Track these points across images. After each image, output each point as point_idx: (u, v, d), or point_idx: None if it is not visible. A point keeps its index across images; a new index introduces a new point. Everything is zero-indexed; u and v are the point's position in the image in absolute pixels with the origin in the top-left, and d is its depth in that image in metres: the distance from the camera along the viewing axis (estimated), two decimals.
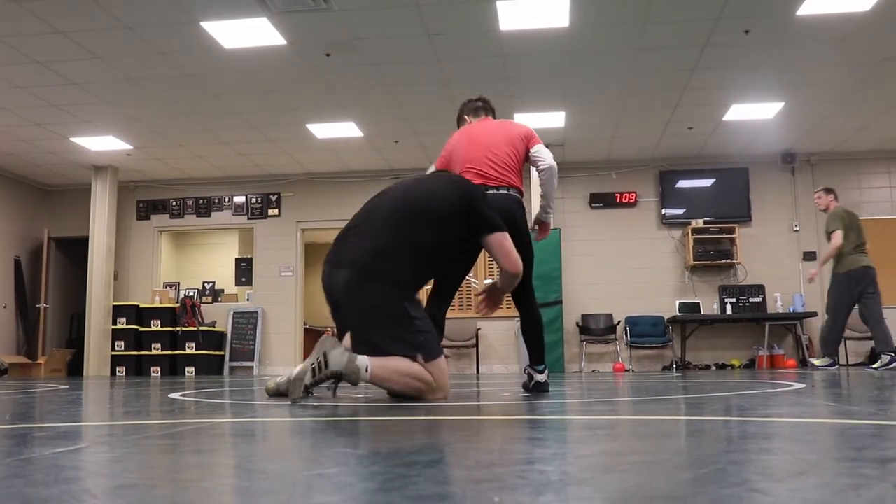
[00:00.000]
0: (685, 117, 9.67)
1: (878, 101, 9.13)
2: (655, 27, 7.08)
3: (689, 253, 11.05)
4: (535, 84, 8.47)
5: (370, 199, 3.48)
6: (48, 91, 8.45)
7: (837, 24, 7.00)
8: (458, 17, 6.83)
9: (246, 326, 11.98)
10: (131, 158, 11.22)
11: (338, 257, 3.28)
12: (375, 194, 3.51)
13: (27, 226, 12.39)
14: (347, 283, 3.18)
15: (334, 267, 3.26)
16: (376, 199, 3.45)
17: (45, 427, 2.11)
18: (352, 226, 3.37)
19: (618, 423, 2.08)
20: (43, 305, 12.18)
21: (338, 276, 3.23)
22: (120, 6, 6.54)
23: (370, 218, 3.33)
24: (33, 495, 0.99)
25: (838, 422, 2.02)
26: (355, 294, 3.16)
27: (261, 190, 12.28)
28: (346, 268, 3.20)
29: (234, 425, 2.13)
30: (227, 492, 1.07)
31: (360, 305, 3.17)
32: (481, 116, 4.18)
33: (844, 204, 11.14)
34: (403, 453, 1.41)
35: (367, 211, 3.39)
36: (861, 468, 1.16)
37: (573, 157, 11.33)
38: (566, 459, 1.30)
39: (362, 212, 3.41)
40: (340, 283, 3.21)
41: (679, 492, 0.98)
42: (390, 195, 3.40)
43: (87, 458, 1.44)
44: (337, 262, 3.27)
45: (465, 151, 3.89)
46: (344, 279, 3.20)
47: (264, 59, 7.67)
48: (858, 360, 10.89)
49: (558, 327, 10.54)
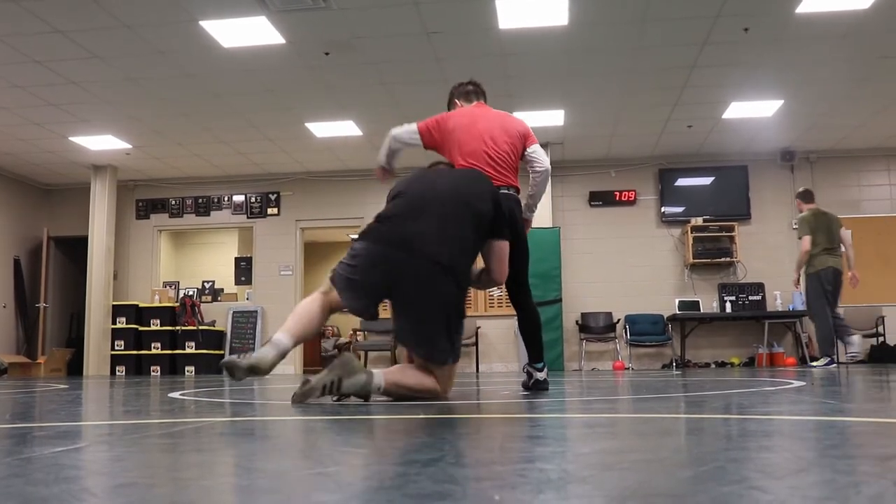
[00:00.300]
0: (684, 115, 9.67)
1: (877, 99, 9.13)
2: (655, 25, 7.07)
3: (689, 251, 11.05)
4: (534, 82, 8.47)
5: (416, 179, 3.36)
6: (47, 90, 8.44)
7: (837, 21, 7.00)
8: (457, 16, 6.82)
9: (245, 325, 11.98)
10: (130, 158, 11.21)
11: (404, 242, 3.08)
12: (417, 175, 3.40)
13: (26, 225, 12.38)
14: (423, 275, 3.04)
15: (401, 250, 3.06)
16: (426, 183, 3.31)
17: (45, 426, 2.11)
18: (412, 208, 3.19)
19: (617, 422, 2.08)
20: (42, 305, 12.18)
21: (410, 265, 3.05)
22: (119, 5, 6.53)
23: (431, 207, 3.17)
24: (33, 494, 0.99)
25: (838, 419, 2.02)
26: (428, 288, 3.05)
27: (260, 189, 12.28)
28: (424, 259, 3.04)
29: (233, 424, 2.13)
30: (227, 490, 1.07)
31: (430, 301, 3.06)
32: (474, 102, 4.03)
33: (843, 203, 11.21)
34: (403, 452, 1.41)
35: (422, 197, 3.22)
36: (860, 465, 1.16)
37: (572, 155, 11.33)
38: (566, 457, 1.30)
39: (417, 194, 3.25)
40: (411, 273, 3.04)
41: (679, 490, 0.99)
42: (442, 187, 3.27)
43: (87, 457, 1.44)
44: (406, 249, 3.06)
45: (464, 142, 3.73)
46: (418, 271, 3.04)
47: (263, 58, 7.67)
48: (858, 357, 10.89)
49: (558, 326, 10.54)
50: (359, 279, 3.11)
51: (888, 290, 10.99)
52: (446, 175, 3.42)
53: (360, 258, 3.13)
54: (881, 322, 10.56)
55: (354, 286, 3.12)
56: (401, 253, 3.07)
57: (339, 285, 3.14)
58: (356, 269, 3.12)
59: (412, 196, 3.26)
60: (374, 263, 3.10)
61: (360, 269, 3.12)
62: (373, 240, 3.15)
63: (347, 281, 3.13)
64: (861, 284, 10.94)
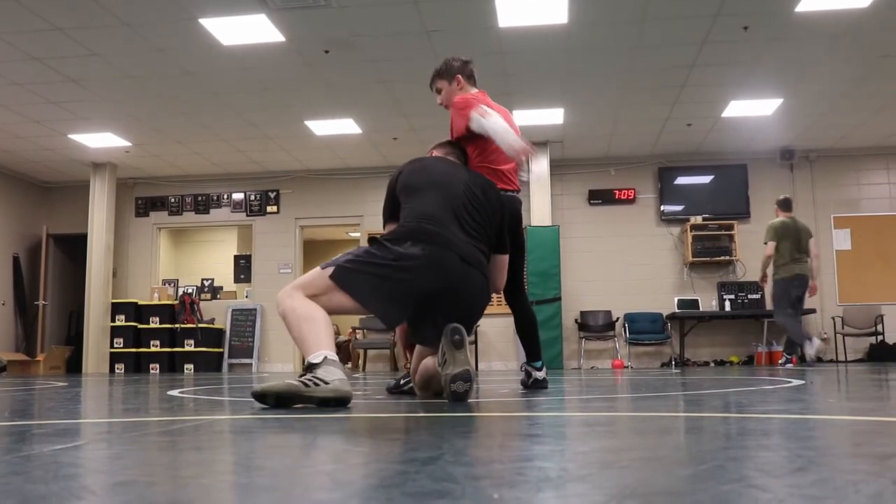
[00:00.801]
0: (684, 114, 9.67)
1: (876, 98, 9.13)
2: (654, 24, 7.07)
3: (688, 249, 11.05)
4: (533, 81, 8.46)
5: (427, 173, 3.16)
6: (47, 88, 8.44)
7: (836, 20, 7.00)
8: (457, 14, 6.82)
9: (245, 323, 11.98)
10: (130, 155, 11.21)
11: (461, 250, 2.92)
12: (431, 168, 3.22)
13: (26, 223, 12.38)
14: (481, 286, 3.01)
15: (465, 262, 2.92)
16: (441, 181, 3.11)
17: (45, 424, 2.11)
18: (449, 210, 3.01)
19: (617, 420, 2.08)
20: (42, 302, 12.18)
21: (474, 277, 2.96)
22: (119, 3, 6.53)
23: (462, 212, 3.04)
24: (32, 492, 0.99)
25: (837, 418, 2.02)
26: (482, 297, 3.06)
27: (259, 187, 12.27)
28: (477, 269, 2.98)
29: (233, 422, 2.13)
30: (227, 488, 1.07)
31: (481, 309, 3.10)
32: (476, 88, 3.85)
33: (843, 202, 11.22)
34: (402, 450, 1.41)
35: (446, 199, 3.04)
36: (859, 464, 1.16)
37: (572, 153, 11.33)
38: (565, 456, 1.30)
39: (440, 195, 3.05)
40: (477, 285, 2.98)
41: (678, 488, 0.99)
42: (462, 188, 3.10)
43: (87, 454, 1.44)
44: (466, 259, 2.93)
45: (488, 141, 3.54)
46: (479, 282, 2.99)
47: (263, 56, 7.66)
48: (857, 356, 10.91)
49: (557, 324, 10.54)
50: (430, 283, 2.84)
51: (887, 289, 11.00)
52: (462, 177, 3.21)
53: (406, 263, 2.80)
54: (880, 321, 10.57)
55: (390, 293, 2.79)
56: (455, 256, 2.89)
57: (367, 297, 2.79)
58: (397, 274, 2.79)
59: (443, 198, 3.04)
60: (440, 270, 2.84)
61: (435, 275, 2.84)
62: (439, 245, 2.87)
63: (380, 291, 2.79)
64: (860, 283, 11.02)
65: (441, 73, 3.80)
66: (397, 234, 2.90)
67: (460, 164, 3.40)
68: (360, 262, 2.80)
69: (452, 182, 3.14)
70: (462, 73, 3.78)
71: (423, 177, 3.16)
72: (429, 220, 2.94)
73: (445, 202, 3.03)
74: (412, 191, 3.11)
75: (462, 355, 2.76)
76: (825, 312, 11.04)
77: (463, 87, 3.76)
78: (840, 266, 11.16)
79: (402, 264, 2.78)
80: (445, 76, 3.78)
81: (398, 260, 2.79)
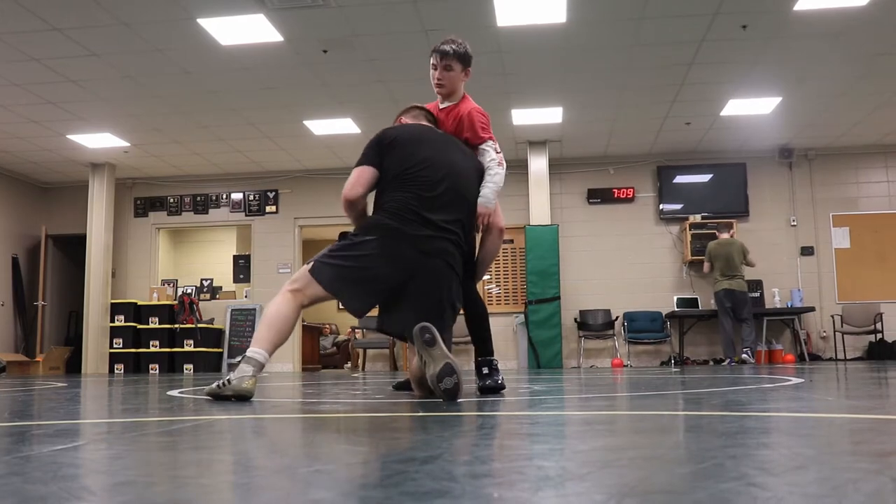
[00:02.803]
0: (682, 112, 9.67)
1: (875, 96, 9.13)
2: (652, 22, 7.07)
3: (687, 248, 11.06)
4: (532, 80, 8.46)
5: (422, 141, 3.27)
6: (45, 88, 8.43)
7: (834, 19, 7.00)
8: (455, 13, 6.82)
9: (244, 323, 11.97)
10: (129, 156, 11.20)
11: (418, 243, 3.08)
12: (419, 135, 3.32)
13: (24, 224, 12.37)
14: (442, 272, 3.16)
15: (422, 253, 3.11)
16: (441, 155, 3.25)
17: (44, 425, 2.11)
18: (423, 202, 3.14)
19: (616, 419, 2.08)
20: (41, 303, 12.17)
21: (433, 265, 3.10)
22: (117, 3, 6.52)
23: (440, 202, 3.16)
24: (32, 493, 0.99)
25: (836, 416, 2.02)
26: (445, 283, 3.17)
27: (258, 187, 12.27)
28: (438, 258, 3.12)
29: (232, 422, 2.13)
30: (226, 488, 1.07)
31: (449, 295, 3.19)
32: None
33: (841, 200, 11.24)
34: (401, 449, 1.41)
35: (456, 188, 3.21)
36: (859, 462, 1.16)
37: (571, 152, 11.33)
38: (564, 455, 1.30)
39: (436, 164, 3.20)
40: (437, 272, 3.11)
41: (677, 486, 0.99)
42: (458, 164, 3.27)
43: (86, 455, 1.44)
44: (424, 249, 3.10)
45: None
46: (440, 269, 3.13)
47: (261, 56, 7.66)
48: (857, 354, 10.92)
49: (556, 323, 10.54)
50: (362, 275, 3.01)
51: (886, 287, 11.01)
52: (454, 148, 3.35)
53: (363, 253, 3.02)
54: (879, 319, 10.58)
55: (354, 283, 3.01)
56: (410, 250, 3.02)
57: (334, 284, 3.02)
58: (358, 263, 3.01)
59: (430, 168, 3.16)
60: (383, 258, 3.01)
61: (365, 262, 3.01)
62: (380, 235, 3.05)
63: (344, 279, 3.02)
64: (859, 281, 11.04)
65: (461, 57, 3.59)
66: (361, 227, 3.14)
67: (448, 140, 3.42)
68: (332, 255, 3.07)
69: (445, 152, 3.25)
70: (470, 68, 3.68)
71: (415, 155, 3.20)
72: (393, 215, 3.07)
73: (420, 189, 3.12)
74: (398, 169, 3.18)
75: (437, 351, 2.78)
76: (824, 311, 11.05)
77: (464, 82, 3.67)
78: (839, 264, 11.16)
79: (361, 253, 3.02)
80: (463, 62, 3.60)
81: (358, 250, 3.03)
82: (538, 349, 10.45)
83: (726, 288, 9.66)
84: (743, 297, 9.69)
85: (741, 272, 9.75)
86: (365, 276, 3.01)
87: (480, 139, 3.50)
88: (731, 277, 9.67)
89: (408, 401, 2.89)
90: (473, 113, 3.55)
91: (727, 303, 9.67)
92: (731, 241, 9.85)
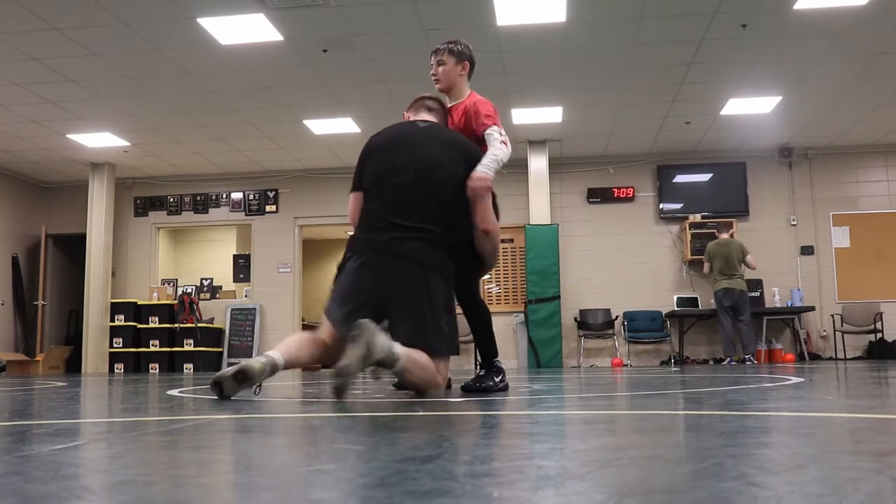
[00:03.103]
0: (682, 112, 9.67)
1: (875, 95, 9.13)
2: (652, 22, 7.07)
3: (687, 247, 11.06)
4: (532, 79, 8.46)
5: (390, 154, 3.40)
6: (45, 88, 8.43)
7: (834, 18, 7.00)
8: (455, 13, 6.81)
9: (244, 323, 11.98)
10: (128, 155, 11.20)
11: (391, 247, 3.23)
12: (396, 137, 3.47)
13: (24, 223, 12.37)
14: (411, 272, 3.22)
15: (394, 257, 3.23)
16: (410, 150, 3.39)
17: (44, 424, 2.11)
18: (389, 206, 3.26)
19: (616, 418, 2.08)
20: (41, 303, 12.17)
21: (404, 266, 3.19)
22: (117, 3, 6.52)
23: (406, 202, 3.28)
24: (32, 492, 0.99)
25: (836, 416, 2.02)
26: (415, 284, 3.22)
27: (258, 186, 12.27)
28: (407, 259, 3.21)
29: (232, 422, 2.13)
30: (226, 488, 1.07)
31: (418, 295, 3.21)
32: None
33: (841, 199, 11.24)
34: (402, 449, 1.41)
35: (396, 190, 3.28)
36: (859, 461, 1.16)
37: (571, 151, 11.33)
38: (565, 454, 1.30)
39: (386, 190, 3.31)
40: (407, 272, 3.20)
41: (678, 486, 0.99)
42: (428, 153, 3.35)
43: (86, 454, 1.44)
44: (395, 253, 3.22)
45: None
46: (409, 269, 3.22)
47: (261, 56, 7.66)
48: (857, 353, 10.92)
49: (556, 322, 10.54)
50: (344, 289, 3.17)
51: (886, 286, 11.01)
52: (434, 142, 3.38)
53: (348, 270, 3.20)
54: (879, 318, 10.58)
55: (346, 302, 3.15)
56: (382, 259, 3.14)
57: (331, 312, 3.17)
58: (344, 281, 3.19)
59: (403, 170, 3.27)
60: (359, 270, 3.17)
61: (345, 278, 3.19)
62: (355, 252, 3.21)
63: (337, 301, 3.18)
64: (859, 281, 11.05)
65: (453, 51, 3.69)
66: (346, 249, 3.32)
67: (429, 133, 3.44)
68: (331, 290, 3.29)
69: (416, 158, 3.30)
70: (470, 62, 3.75)
71: (386, 162, 3.34)
72: (365, 227, 3.24)
73: (390, 196, 3.24)
74: (372, 179, 3.34)
75: (356, 349, 2.75)
76: (824, 310, 11.05)
77: (464, 76, 3.73)
78: (839, 264, 11.16)
79: (345, 275, 3.22)
80: (456, 56, 3.69)
81: (344, 273, 3.24)
82: (538, 349, 10.45)
83: (725, 287, 9.73)
84: (742, 297, 9.73)
85: (740, 272, 9.79)
86: (351, 293, 3.15)
87: (483, 125, 3.51)
88: (730, 277, 9.75)
89: (408, 400, 2.89)
90: (478, 103, 3.62)
91: (726, 302, 9.73)
92: (729, 241, 9.91)
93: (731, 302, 9.71)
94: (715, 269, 9.87)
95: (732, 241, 9.96)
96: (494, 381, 3.45)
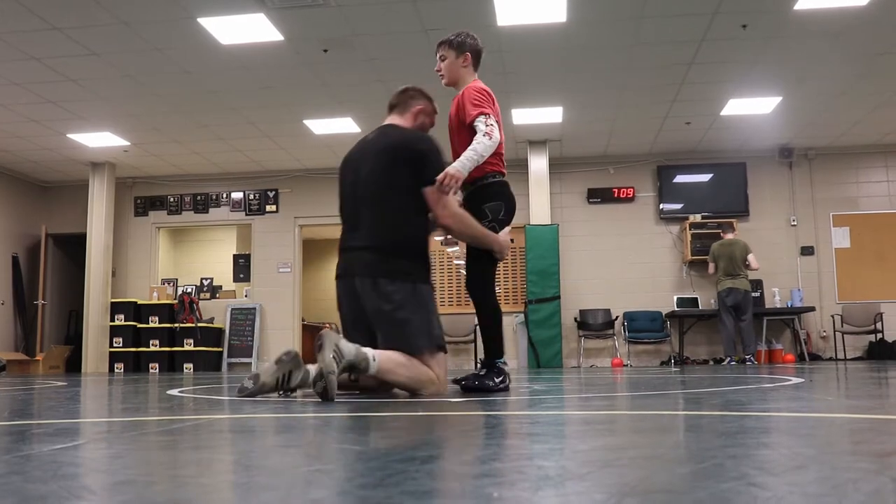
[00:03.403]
0: (683, 112, 9.67)
1: (875, 96, 9.13)
2: (652, 22, 7.07)
3: (687, 248, 11.06)
4: (532, 79, 8.46)
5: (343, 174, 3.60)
6: (45, 87, 8.43)
7: (834, 18, 7.00)
8: (455, 13, 6.82)
9: (244, 322, 11.98)
10: (129, 155, 11.20)
11: (355, 259, 3.51)
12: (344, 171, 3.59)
13: (25, 223, 12.37)
14: (362, 285, 3.46)
15: (353, 275, 3.54)
16: (345, 182, 3.62)
17: (44, 424, 2.11)
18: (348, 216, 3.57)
19: (616, 419, 2.08)
20: (41, 302, 12.17)
21: (358, 284, 3.45)
22: (117, 3, 6.52)
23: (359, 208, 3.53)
24: (32, 492, 0.99)
25: (836, 416, 2.02)
26: (372, 292, 3.42)
27: (258, 186, 12.27)
28: (354, 276, 3.50)
29: (232, 422, 2.13)
30: (226, 488, 1.07)
31: (376, 304, 3.45)
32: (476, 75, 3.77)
33: (841, 200, 11.24)
34: (401, 449, 1.41)
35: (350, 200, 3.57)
36: (859, 462, 1.16)
37: (571, 152, 11.33)
38: (564, 454, 1.30)
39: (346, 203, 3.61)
40: (360, 285, 3.44)
41: (677, 486, 0.99)
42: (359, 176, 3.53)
43: (86, 454, 1.44)
44: (352, 266, 3.53)
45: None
46: (360, 283, 3.46)
47: (262, 56, 7.66)
48: (857, 354, 10.92)
49: (556, 322, 10.55)
50: (343, 315, 3.46)
51: (886, 286, 11.01)
52: (371, 150, 3.45)
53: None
54: (879, 319, 10.58)
55: (345, 328, 3.47)
56: (351, 281, 3.36)
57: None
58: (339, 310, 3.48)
59: (345, 191, 3.52)
60: (341, 296, 3.43)
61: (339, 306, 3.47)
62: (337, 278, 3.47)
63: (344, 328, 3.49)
64: (859, 281, 11.05)
65: (451, 44, 3.64)
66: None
67: (373, 144, 3.46)
68: None
69: (355, 179, 3.43)
70: (473, 52, 3.67)
71: (340, 188, 3.53)
72: (341, 248, 3.47)
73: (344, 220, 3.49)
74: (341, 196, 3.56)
75: (326, 353, 2.85)
76: (824, 310, 11.05)
77: (468, 67, 3.66)
78: (839, 264, 11.16)
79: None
80: (456, 48, 3.64)
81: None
82: (538, 349, 10.45)
83: (729, 287, 9.72)
84: (746, 297, 9.71)
85: (744, 272, 9.76)
86: (342, 317, 3.46)
87: (470, 116, 3.43)
88: (734, 277, 9.73)
89: (408, 400, 2.89)
90: (466, 91, 3.53)
91: (730, 302, 9.71)
92: (733, 241, 9.89)
93: (735, 302, 9.70)
94: (719, 270, 9.86)
95: (736, 241, 9.93)
96: (494, 381, 3.39)
